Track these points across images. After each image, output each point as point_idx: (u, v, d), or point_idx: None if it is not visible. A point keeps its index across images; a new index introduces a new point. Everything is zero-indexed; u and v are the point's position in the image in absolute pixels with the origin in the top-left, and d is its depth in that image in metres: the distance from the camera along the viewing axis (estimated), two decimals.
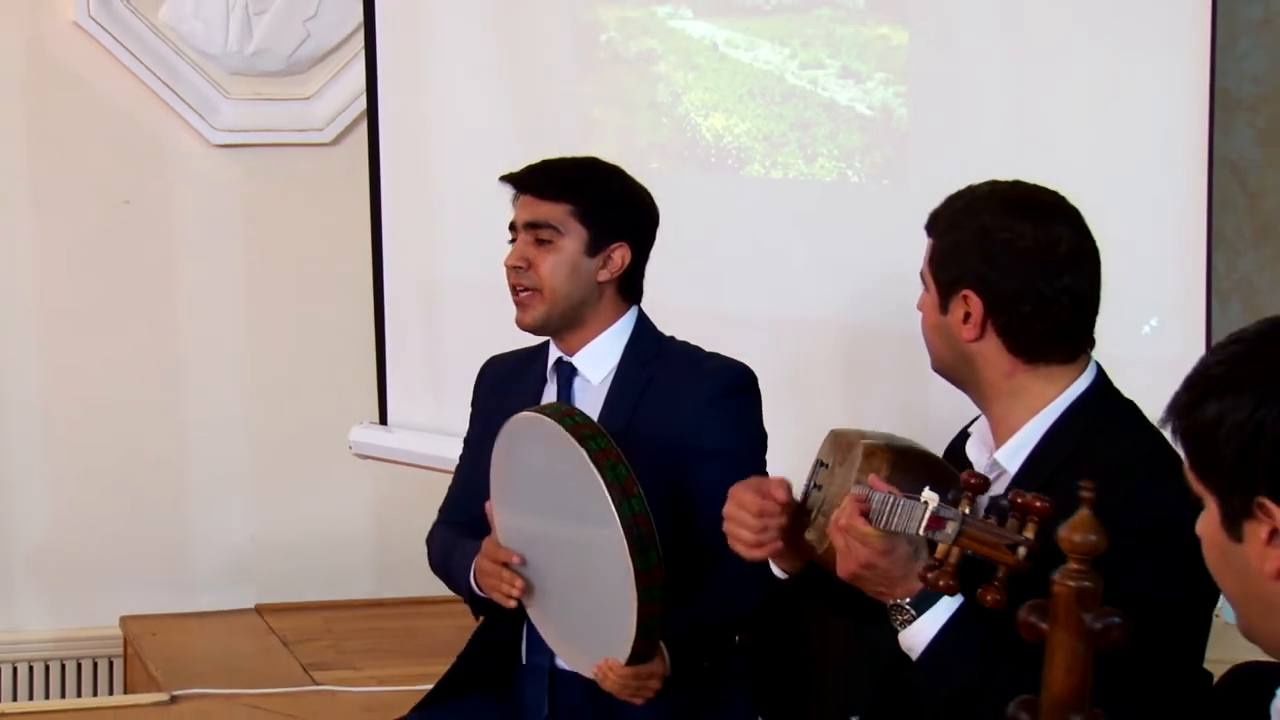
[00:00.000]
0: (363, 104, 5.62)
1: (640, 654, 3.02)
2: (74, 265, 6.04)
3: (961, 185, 4.49)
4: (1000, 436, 2.75)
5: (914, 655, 2.55)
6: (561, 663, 3.30)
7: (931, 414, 3.26)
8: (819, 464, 2.83)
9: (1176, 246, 4.08)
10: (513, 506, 3.18)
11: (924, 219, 4.41)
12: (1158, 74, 4.18)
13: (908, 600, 2.53)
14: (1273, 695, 1.85)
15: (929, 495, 2.38)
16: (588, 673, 3.10)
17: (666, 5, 4.93)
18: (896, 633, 3.24)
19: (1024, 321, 2.71)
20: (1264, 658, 2.45)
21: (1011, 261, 2.72)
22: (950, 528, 2.15)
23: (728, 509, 2.78)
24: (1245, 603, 1.81)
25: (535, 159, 3.46)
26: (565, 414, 3.10)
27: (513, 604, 3.16)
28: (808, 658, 3.35)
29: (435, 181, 5.35)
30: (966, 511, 2.14)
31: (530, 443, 3.11)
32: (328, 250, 5.99)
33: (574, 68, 5.15)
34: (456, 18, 5.31)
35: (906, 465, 2.65)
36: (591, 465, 2.97)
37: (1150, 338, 4.09)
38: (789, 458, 3.41)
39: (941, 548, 2.25)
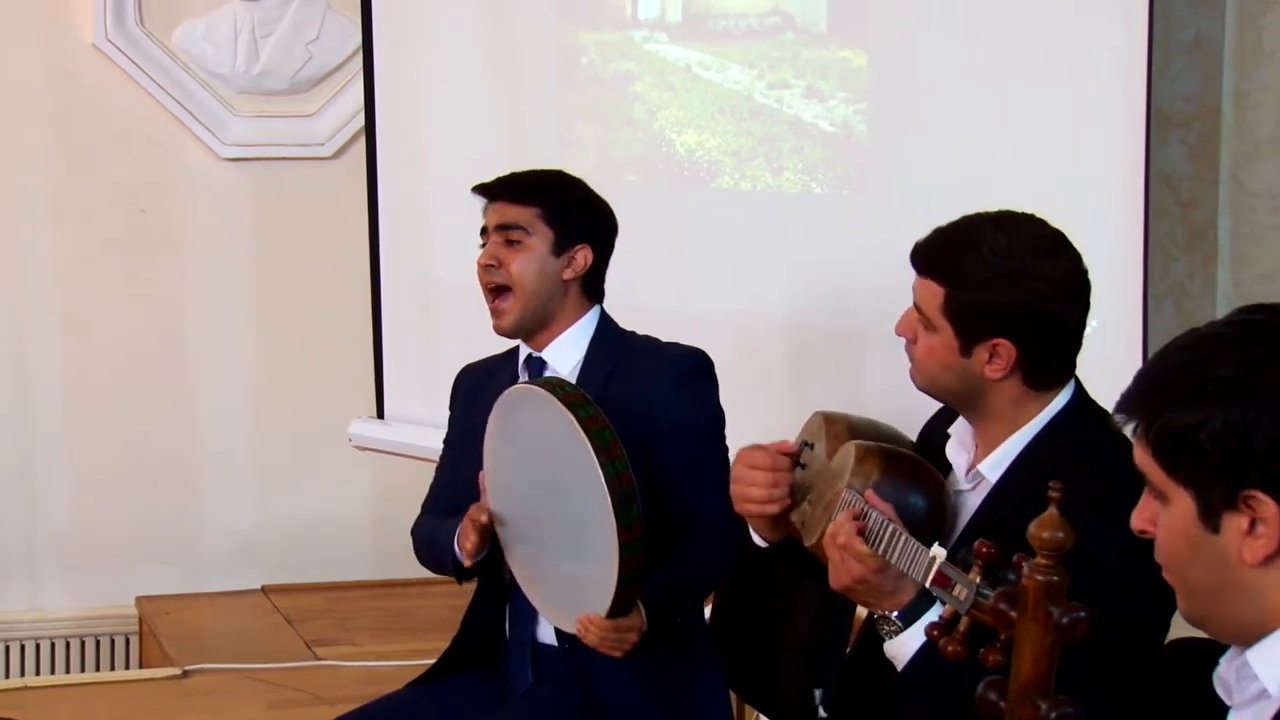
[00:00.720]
0: (361, 121, 5.61)
1: (620, 607, 3.02)
2: (93, 269, 6.04)
3: (916, 196, 4.51)
4: (985, 447, 2.73)
5: (899, 664, 2.53)
6: (542, 636, 3.29)
7: (879, 407, 3.25)
8: (805, 444, 2.81)
9: (1115, 253, 4.08)
10: (505, 474, 3.19)
11: (883, 227, 4.42)
12: (1099, 94, 4.18)
13: (895, 614, 2.51)
14: (1214, 666, 1.84)
15: (937, 550, 2.31)
16: (571, 628, 3.09)
17: (643, 30, 4.94)
18: (854, 611, 3.26)
19: (1048, 358, 2.68)
20: (1193, 635, 2.45)
21: (1044, 308, 2.66)
22: (961, 593, 2.08)
23: (737, 470, 2.75)
24: (1205, 591, 1.79)
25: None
26: (556, 385, 3.12)
27: (475, 550, 3.15)
28: (774, 635, 3.34)
29: (428, 193, 5.35)
30: (979, 581, 2.08)
31: (523, 412, 3.13)
32: (329, 256, 5.99)
33: (557, 87, 5.14)
34: (448, 41, 5.31)
35: (896, 470, 2.62)
36: (579, 429, 2.98)
37: (1091, 338, 4.07)
38: (743, 438, 3.38)
39: (949, 609, 2.18)
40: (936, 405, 2.94)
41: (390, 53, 5.42)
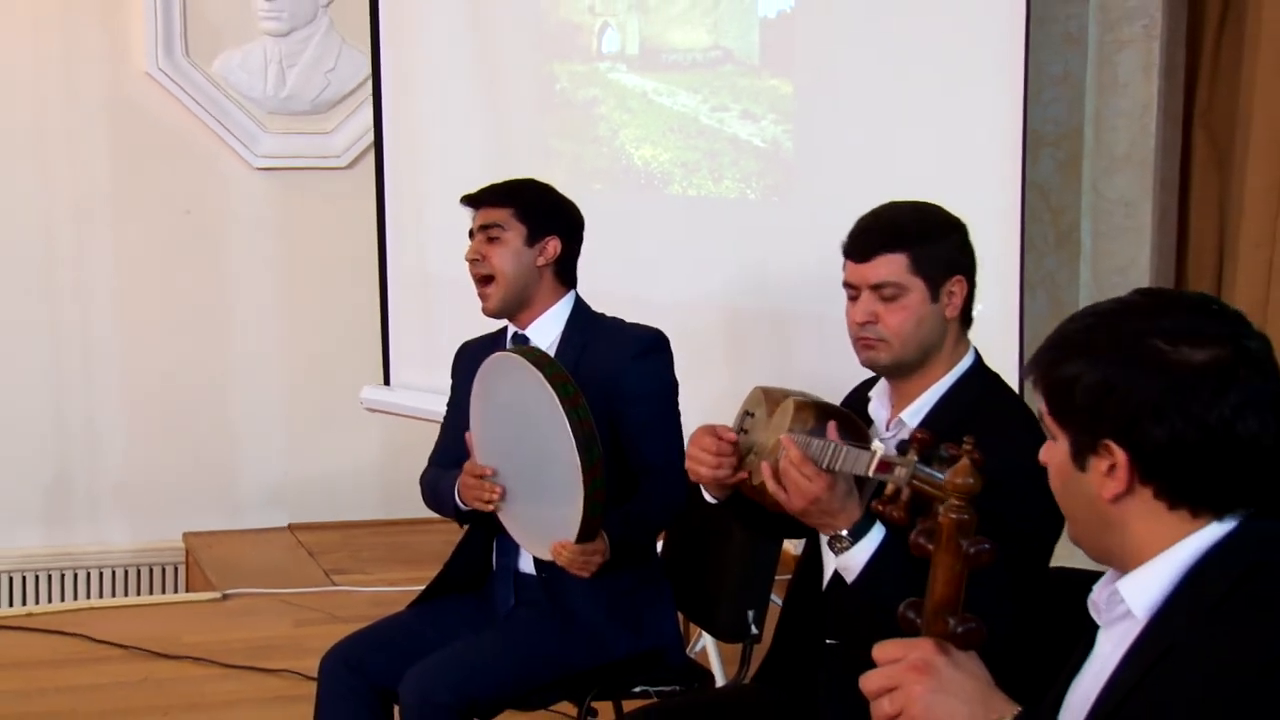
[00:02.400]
0: (371, 137, 5.57)
1: (587, 533, 3.01)
2: (146, 259, 6.04)
3: (833, 202, 4.50)
4: (902, 401, 2.72)
5: (850, 576, 2.51)
6: (523, 567, 3.29)
7: (805, 378, 3.26)
8: (746, 413, 2.80)
9: (996, 251, 4.07)
10: (488, 431, 3.18)
11: (806, 228, 4.42)
12: (984, 117, 4.19)
13: (845, 531, 2.50)
14: (1088, 592, 1.84)
15: (877, 445, 2.31)
16: (546, 555, 3.09)
17: (606, 61, 4.93)
18: (779, 550, 3.26)
19: (971, 300, 2.72)
20: (1072, 566, 2.45)
21: (971, 255, 2.74)
22: (901, 472, 2.08)
23: (691, 449, 2.73)
24: (1083, 520, 1.79)
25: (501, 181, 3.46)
26: (527, 350, 3.12)
27: (491, 508, 3.15)
28: (714, 567, 3.34)
29: (427, 196, 5.33)
30: (916, 459, 2.08)
31: (501, 375, 3.13)
32: (343, 249, 5.97)
33: (534, 109, 5.13)
34: (443, 71, 5.29)
35: (828, 416, 2.60)
36: (547, 384, 2.97)
37: (977, 321, 4.09)
38: (691, 403, 3.43)
39: (891, 486, 2.17)
40: (854, 379, 2.92)
41: (395, 80, 5.40)
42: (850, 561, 2.51)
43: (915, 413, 2.69)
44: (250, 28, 6.02)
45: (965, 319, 2.73)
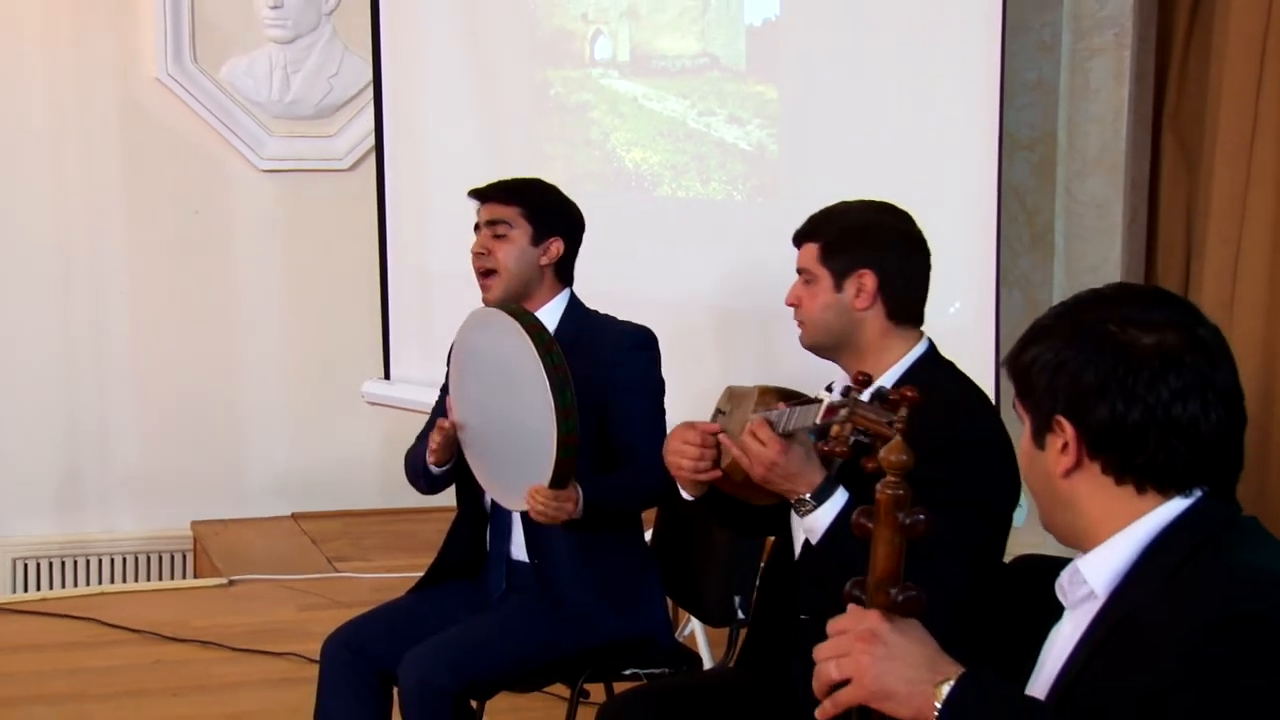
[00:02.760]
0: (372, 140, 5.57)
1: (560, 477, 3.00)
2: (156, 257, 6.04)
3: (817, 202, 4.50)
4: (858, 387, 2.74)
5: (815, 538, 2.54)
6: (515, 554, 3.28)
7: (789, 372, 3.26)
8: (718, 411, 2.81)
9: (974, 250, 4.08)
10: (466, 388, 3.19)
11: (791, 228, 4.37)
12: (962, 123, 4.19)
13: (809, 494, 2.51)
14: (1054, 579, 1.85)
15: (823, 394, 2.35)
16: (521, 505, 3.07)
17: (598, 68, 4.92)
18: (766, 543, 3.25)
19: (902, 291, 2.74)
20: (1041, 552, 2.45)
21: (893, 249, 2.75)
22: (843, 412, 2.11)
23: (672, 446, 2.73)
24: (1044, 498, 1.82)
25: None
26: (503, 305, 3.13)
27: (439, 456, 3.16)
28: (702, 555, 3.33)
29: (426, 198, 5.33)
30: (856, 397, 2.11)
31: (479, 328, 3.14)
32: (345, 248, 5.97)
33: (529, 114, 5.12)
34: (441, 77, 5.28)
35: (789, 398, 2.64)
36: (524, 331, 2.99)
37: (955, 316, 4.10)
38: (689, 403, 3.41)
39: (836, 427, 2.19)
40: (837, 369, 2.92)
41: (395, 86, 5.40)
42: (814, 523, 2.53)
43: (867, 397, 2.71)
44: (256, 35, 6.02)
45: (895, 313, 2.73)
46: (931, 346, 2.78)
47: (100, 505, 6.03)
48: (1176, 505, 1.74)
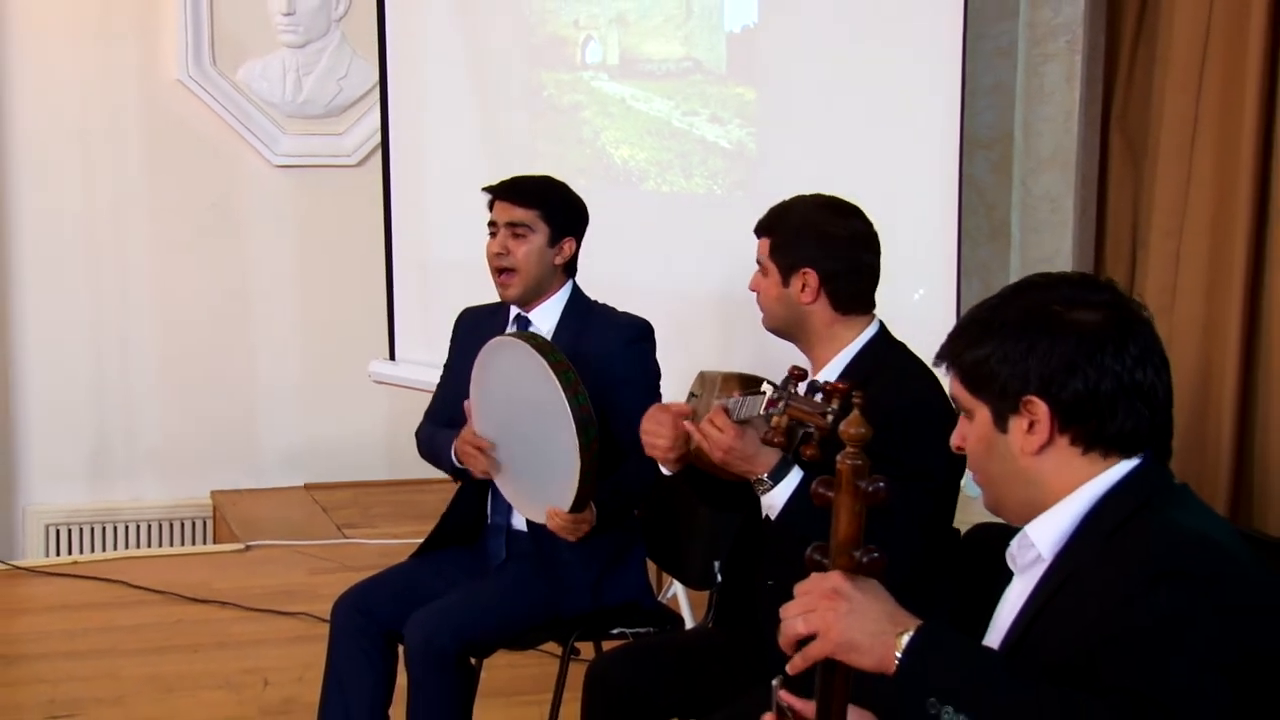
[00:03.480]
0: (378, 138, 5.56)
1: (579, 504, 3.00)
2: (178, 247, 6.01)
3: (791, 196, 4.49)
4: (816, 366, 2.74)
5: (774, 513, 2.54)
6: (516, 523, 3.26)
7: (765, 353, 3.26)
8: (691, 394, 2.82)
9: (936, 241, 4.09)
10: (489, 404, 3.15)
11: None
12: (926, 123, 4.19)
13: (766, 474, 2.51)
14: (1006, 546, 1.84)
15: (767, 387, 2.38)
16: (540, 519, 3.07)
17: (589, 71, 4.91)
18: (741, 514, 3.24)
19: (845, 286, 2.72)
20: (992, 520, 2.44)
21: (837, 248, 2.72)
22: (780, 404, 2.13)
23: (647, 426, 2.73)
24: (1002, 480, 1.81)
25: (499, 178, 3.39)
26: (530, 336, 3.09)
27: (486, 477, 3.14)
28: (684, 523, 3.32)
29: (428, 192, 5.31)
30: (792, 390, 2.13)
31: (504, 356, 3.09)
32: (353, 238, 5.94)
33: (524, 114, 5.11)
34: (442, 79, 5.27)
35: (748, 385, 2.66)
36: (551, 371, 2.95)
37: (919, 303, 4.10)
38: (673, 383, 3.40)
39: (775, 419, 2.23)
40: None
41: (400, 87, 5.38)
42: (772, 500, 2.54)
43: (828, 374, 2.72)
44: (270, 40, 5.99)
45: (840, 305, 2.71)
46: (881, 328, 2.76)
47: (127, 476, 6.01)
48: (1121, 469, 1.75)
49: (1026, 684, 1.59)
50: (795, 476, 2.51)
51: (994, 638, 1.80)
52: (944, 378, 1.91)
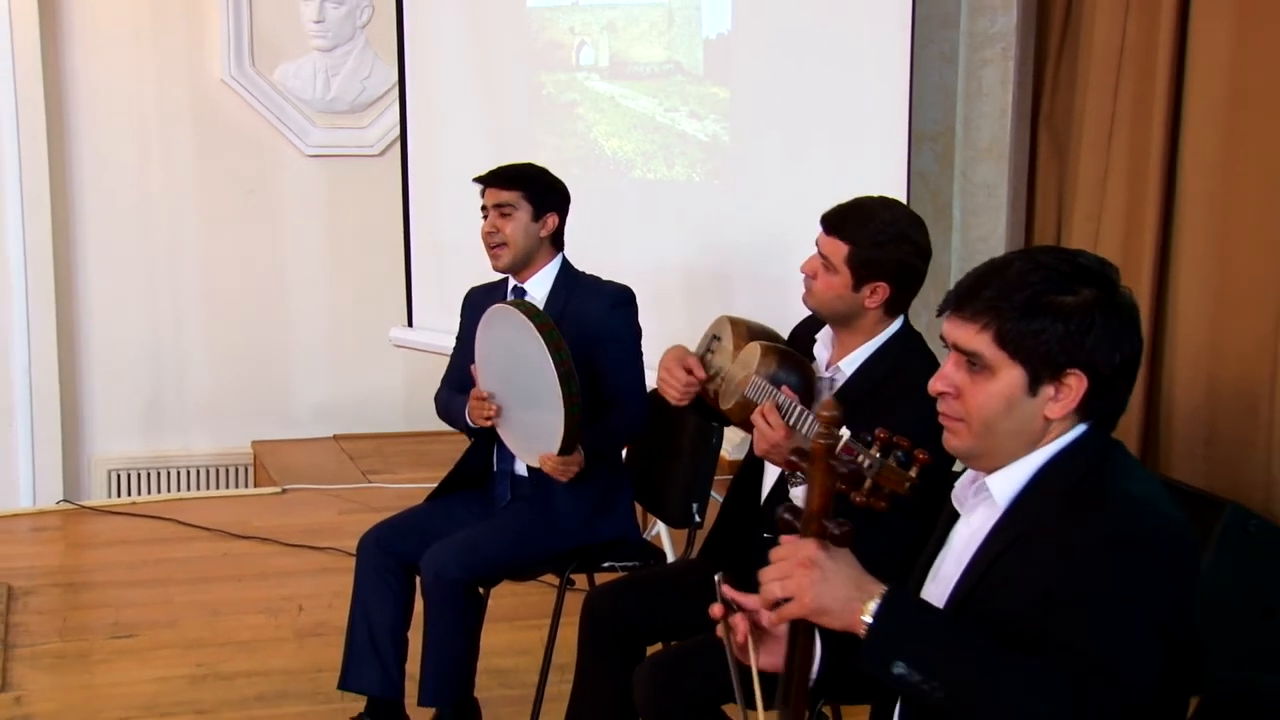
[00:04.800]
0: (397, 131, 5.53)
1: (567, 447, 2.97)
2: (221, 227, 5.97)
3: (760, 184, 4.47)
4: (842, 349, 2.64)
5: (799, 502, 2.44)
6: (518, 469, 3.23)
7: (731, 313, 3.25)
8: (714, 337, 2.74)
9: None
10: (489, 364, 3.14)
11: (741, 205, 4.34)
12: (878, 119, 4.17)
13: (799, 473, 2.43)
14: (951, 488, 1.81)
15: (845, 432, 2.18)
16: (535, 463, 3.05)
17: (583, 72, 4.88)
18: (717, 456, 3.21)
19: (906, 296, 2.60)
20: None
21: (910, 263, 2.57)
22: (865, 461, 1.85)
23: (662, 374, 2.69)
24: (1007, 435, 1.71)
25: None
26: (522, 304, 3.05)
27: (490, 423, 3.11)
28: (666, 468, 3.29)
29: (441, 179, 5.28)
30: (878, 455, 1.94)
31: (501, 322, 3.07)
32: (375, 219, 5.91)
33: (525, 110, 5.07)
34: (453, 79, 5.23)
35: (786, 361, 2.57)
36: (537, 332, 2.92)
37: None
38: (654, 345, 3.35)
39: (855, 472, 2.05)
40: (778, 323, 2.86)
41: (416, 86, 5.34)
42: (800, 493, 2.45)
43: (852, 362, 2.63)
44: (303, 44, 5.94)
45: (892, 309, 2.59)
46: (906, 322, 2.64)
47: (177, 427, 5.99)
48: (1075, 431, 1.71)
49: (981, 647, 1.55)
50: None
51: (942, 576, 1.75)
52: (924, 329, 1.81)
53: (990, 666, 1.53)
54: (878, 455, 1.82)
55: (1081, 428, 1.71)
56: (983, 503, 1.74)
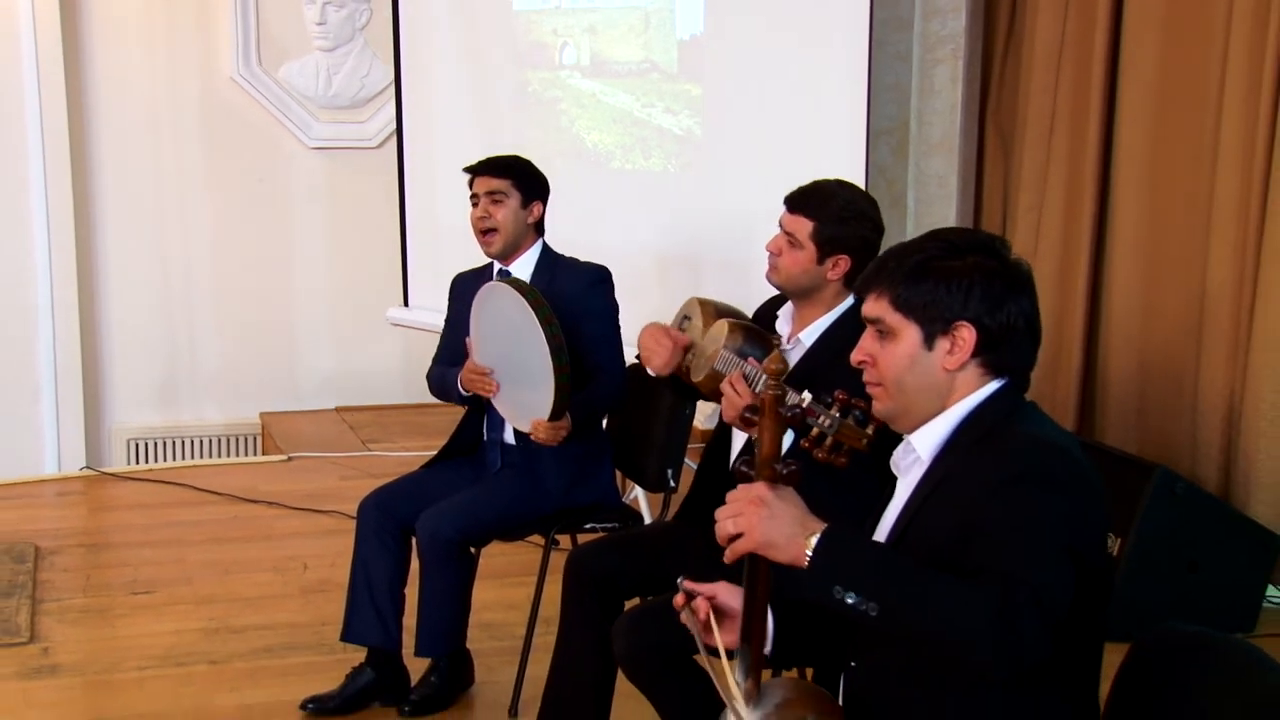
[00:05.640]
0: (394, 125, 5.50)
1: (557, 414, 2.96)
2: (230, 214, 5.92)
3: (729, 175, 4.45)
4: (802, 323, 2.63)
5: None
6: (507, 437, 3.21)
7: (701, 295, 3.24)
8: (685, 317, 2.73)
9: None
10: (485, 338, 3.11)
11: (712, 194, 4.31)
12: (839, 116, 4.16)
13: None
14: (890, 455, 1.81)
15: (806, 395, 2.10)
16: (526, 428, 3.03)
17: (566, 70, 4.86)
18: (690, 425, 3.20)
19: (861, 269, 2.58)
20: None
21: (870, 238, 2.57)
22: (825, 420, 1.91)
23: (646, 343, 2.67)
24: (916, 391, 1.75)
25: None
26: (516, 282, 3.03)
27: (490, 394, 3.10)
28: (644, 438, 3.28)
29: (434, 169, 5.26)
30: (837, 415, 1.93)
31: (496, 299, 3.04)
32: (374, 207, 5.87)
33: (512, 106, 5.05)
34: (445, 77, 5.21)
35: (751, 336, 2.56)
36: (530, 308, 2.90)
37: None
38: (631, 323, 3.34)
39: (817, 431, 2.00)
40: (743, 303, 2.84)
41: (411, 84, 5.31)
42: None
43: (810, 334, 2.62)
44: (306, 45, 5.89)
45: (849, 282, 2.57)
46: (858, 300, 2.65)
47: (191, 400, 5.96)
48: (989, 388, 1.73)
49: (910, 571, 1.58)
50: (787, 440, 2.35)
51: (883, 530, 1.78)
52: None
53: (918, 587, 1.56)
54: (837, 415, 1.83)
55: (993, 385, 1.73)
56: (914, 462, 1.76)
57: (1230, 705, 1.55)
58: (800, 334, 2.63)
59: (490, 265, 3.29)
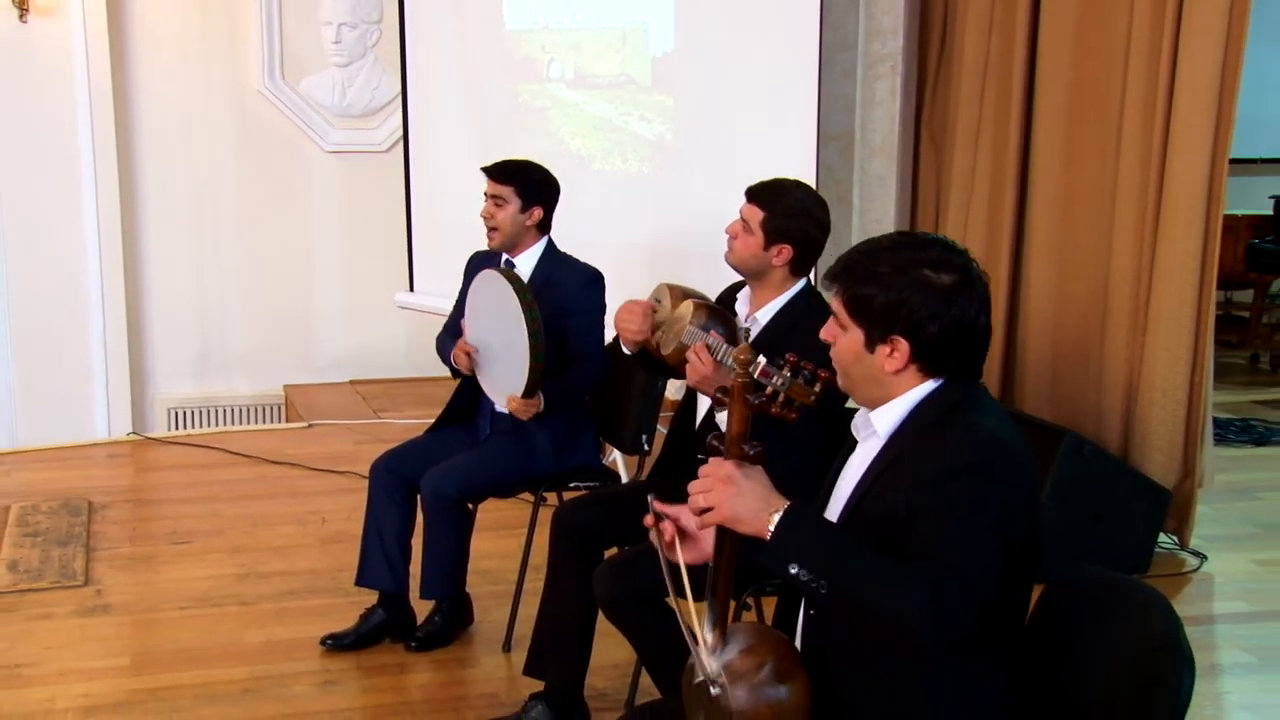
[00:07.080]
0: (400, 131, 5.43)
1: (529, 392, 2.94)
2: (255, 211, 5.85)
3: (701, 176, 4.43)
4: (758, 304, 2.62)
5: (724, 425, 2.41)
6: (497, 408, 3.19)
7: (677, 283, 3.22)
8: (656, 300, 2.71)
9: None
10: (477, 319, 3.09)
11: (682, 194, 4.27)
12: (793, 123, 4.15)
13: (724, 397, 2.39)
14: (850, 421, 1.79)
15: (761, 359, 1.98)
16: (502, 404, 3.01)
17: (553, 83, 4.82)
18: (663, 394, 3.18)
19: (806, 259, 2.58)
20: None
21: (813, 233, 2.55)
22: (778, 380, 1.85)
23: (622, 316, 2.65)
24: (860, 380, 1.73)
25: (488, 162, 3.29)
26: (506, 273, 3.00)
27: (467, 369, 3.08)
28: (621, 406, 3.26)
29: (437, 171, 5.19)
30: (788, 375, 1.86)
31: (489, 286, 3.02)
32: (383, 204, 5.80)
33: (505, 114, 5.00)
34: (445, 90, 5.14)
35: (714, 315, 2.54)
36: (514, 295, 2.89)
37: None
38: (609, 302, 3.32)
39: (770, 390, 1.91)
40: (723, 287, 2.82)
41: (416, 96, 5.24)
42: (725, 418, 2.42)
43: (765, 313, 2.61)
44: (323, 61, 5.82)
45: (795, 269, 2.57)
46: (808, 285, 2.61)
47: (223, 373, 5.91)
48: (928, 386, 1.70)
49: (859, 553, 1.56)
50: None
51: (838, 497, 1.76)
52: (827, 294, 1.80)
53: (865, 569, 1.54)
54: (788, 375, 1.82)
55: (931, 384, 1.69)
56: (871, 435, 1.73)
57: (1128, 634, 1.58)
58: (756, 313, 2.62)
59: (501, 253, 3.26)
